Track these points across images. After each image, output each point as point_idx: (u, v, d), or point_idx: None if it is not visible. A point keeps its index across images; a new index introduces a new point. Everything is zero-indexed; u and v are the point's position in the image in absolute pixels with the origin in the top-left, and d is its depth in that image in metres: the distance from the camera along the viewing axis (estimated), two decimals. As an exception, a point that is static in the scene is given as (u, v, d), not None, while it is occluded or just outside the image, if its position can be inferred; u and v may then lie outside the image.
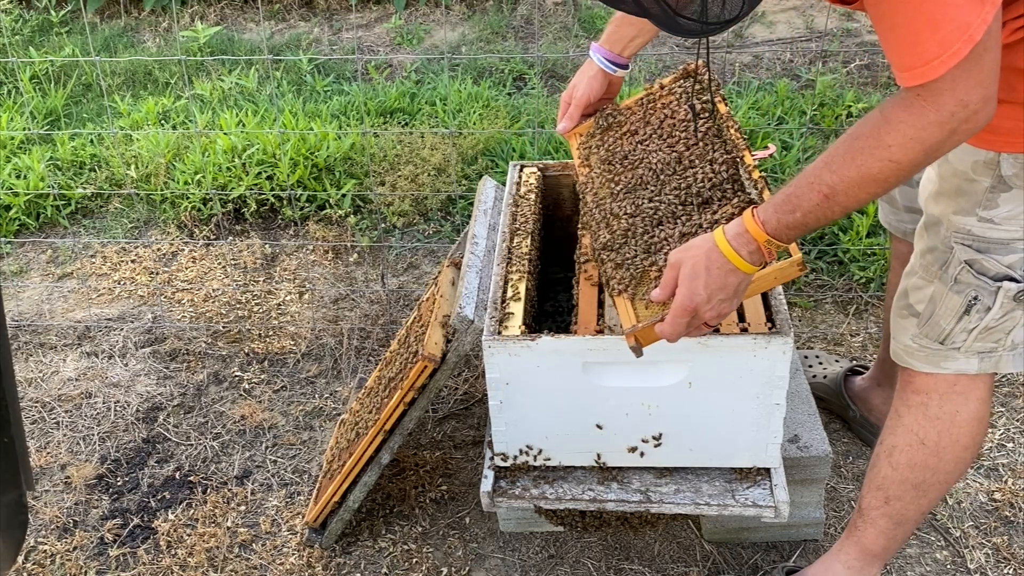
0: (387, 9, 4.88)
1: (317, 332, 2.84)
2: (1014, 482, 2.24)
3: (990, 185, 1.50)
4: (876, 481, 1.81)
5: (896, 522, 1.82)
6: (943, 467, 1.74)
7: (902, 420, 1.74)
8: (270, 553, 2.19)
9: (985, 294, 1.57)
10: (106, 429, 2.57)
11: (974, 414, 1.70)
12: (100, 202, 3.49)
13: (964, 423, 1.70)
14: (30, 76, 4.18)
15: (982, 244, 1.54)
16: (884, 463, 1.79)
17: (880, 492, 1.80)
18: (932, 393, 1.70)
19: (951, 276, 1.58)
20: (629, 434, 1.87)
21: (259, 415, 2.57)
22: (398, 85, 3.95)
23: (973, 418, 1.70)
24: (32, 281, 3.16)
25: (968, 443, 1.72)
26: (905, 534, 1.85)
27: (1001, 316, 1.58)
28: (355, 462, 2.07)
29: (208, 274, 3.13)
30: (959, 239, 1.56)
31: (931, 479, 1.75)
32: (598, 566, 2.11)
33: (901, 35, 1.25)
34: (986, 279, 1.55)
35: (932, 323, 1.64)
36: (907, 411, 1.73)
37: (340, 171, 3.36)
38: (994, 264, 1.54)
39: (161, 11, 4.92)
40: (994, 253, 1.54)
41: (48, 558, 2.21)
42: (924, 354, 1.67)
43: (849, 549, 1.89)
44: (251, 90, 4.00)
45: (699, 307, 1.50)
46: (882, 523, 1.83)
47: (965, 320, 1.60)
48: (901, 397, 1.75)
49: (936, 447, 1.72)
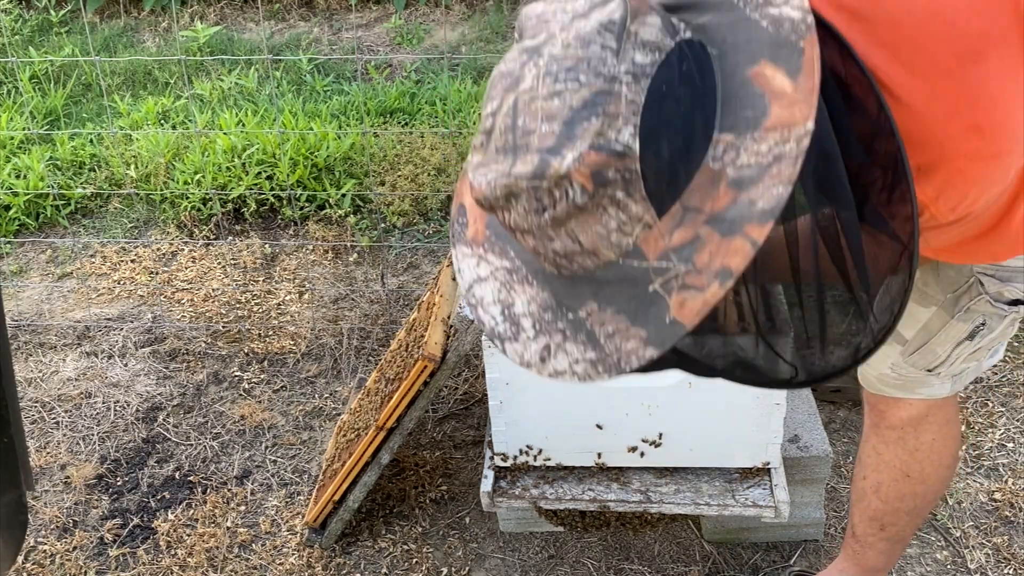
0: (387, 9, 4.88)
1: (317, 332, 2.84)
2: (1014, 482, 2.24)
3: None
4: (868, 513, 1.80)
5: (895, 542, 1.83)
6: (931, 490, 1.74)
7: (883, 457, 1.72)
8: (270, 553, 2.19)
9: (996, 320, 1.49)
10: (106, 429, 2.57)
11: (949, 435, 1.68)
12: (100, 202, 3.49)
13: (942, 447, 1.68)
14: (30, 76, 4.18)
15: (1006, 273, 1.44)
16: (873, 498, 1.78)
17: (875, 522, 1.81)
18: (907, 428, 1.66)
19: (963, 305, 1.49)
20: (629, 434, 1.87)
21: (259, 415, 2.57)
22: (398, 85, 3.95)
23: (949, 438, 1.68)
24: (32, 281, 3.16)
25: (950, 462, 1.71)
26: (904, 546, 1.86)
27: (997, 336, 1.52)
28: (355, 462, 2.07)
29: (208, 274, 3.13)
30: (983, 269, 1.45)
31: (921, 503, 1.75)
32: (598, 566, 2.11)
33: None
34: (1003, 305, 1.47)
35: (925, 351, 1.55)
36: (886, 448, 1.71)
37: (340, 171, 3.36)
38: (1012, 291, 1.46)
39: (161, 11, 4.92)
40: (1015, 281, 1.45)
41: (48, 558, 2.21)
42: (900, 382, 1.61)
43: (849, 568, 1.90)
44: (251, 90, 4.00)
45: None
46: (881, 546, 1.84)
47: (964, 345, 1.52)
48: (877, 433, 1.72)
49: (921, 476, 1.71)
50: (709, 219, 0.83)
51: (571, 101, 0.82)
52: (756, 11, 0.88)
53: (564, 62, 0.84)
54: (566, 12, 0.89)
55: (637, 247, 0.85)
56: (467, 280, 1.02)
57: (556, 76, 0.84)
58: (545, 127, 0.83)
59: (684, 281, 0.83)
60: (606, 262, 0.87)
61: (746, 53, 0.86)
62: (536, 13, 0.91)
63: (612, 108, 0.82)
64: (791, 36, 0.85)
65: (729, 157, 0.83)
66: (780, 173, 0.81)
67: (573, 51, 0.85)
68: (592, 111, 0.82)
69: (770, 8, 0.88)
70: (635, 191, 0.83)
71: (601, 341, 0.88)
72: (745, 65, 0.85)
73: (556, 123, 0.83)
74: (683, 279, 0.83)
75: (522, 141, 0.84)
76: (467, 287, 1.02)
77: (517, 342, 0.94)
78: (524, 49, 0.88)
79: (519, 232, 0.90)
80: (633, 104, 0.82)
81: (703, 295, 0.82)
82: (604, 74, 0.83)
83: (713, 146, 0.84)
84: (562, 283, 0.91)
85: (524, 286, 0.95)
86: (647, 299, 0.85)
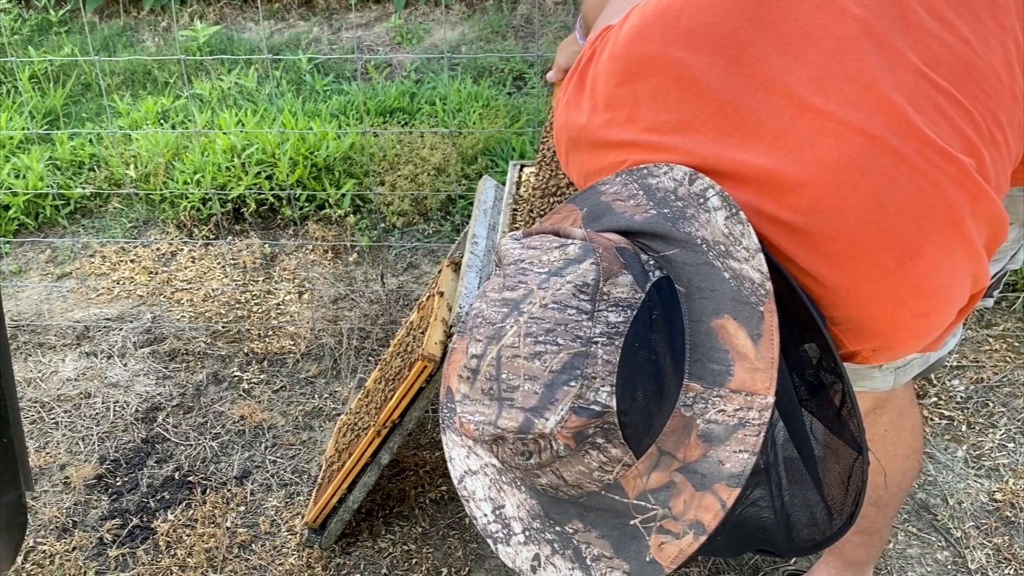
0: (387, 8, 4.88)
1: (317, 332, 2.84)
2: (1015, 482, 2.24)
3: None
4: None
5: (867, 534, 1.84)
6: (891, 480, 1.75)
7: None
8: (269, 554, 2.19)
9: None
10: (105, 429, 2.56)
11: (903, 427, 1.69)
12: (99, 202, 3.48)
13: (895, 439, 1.69)
14: (29, 76, 4.18)
15: None
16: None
17: None
18: None
19: None
20: (629, 434, 1.86)
21: (258, 415, 2.57)
22: (398, 85, 3.95)
23: (904, 430, 1.69)
24: (31, 281, 3.16)
25: (907, 453, 1.72)
26: (882, 538, 1.88)
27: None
28: (355, 462, 2.06)
29: (207, 274, 3.13)
30: None
31: (884, 494, 1.76)
32: (598, 566, 2.10)
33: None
34: None
35: None
36: None
37: (340, 171, 3.36)
38: None
39: (160, 10, 4.92)
40: None
41: (47, 558, 2.21)
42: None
43: (834, 563, 1.93)
44: (250, 90, 3.99)
45: None
46: (856, 539, 1.86)
47: None
48: None
49: (877, 468, 1.71)
50: (682, 468, 0.91)
51: (551, 364, 0.89)
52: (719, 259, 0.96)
53: (543, 323, 0.90)
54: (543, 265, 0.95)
55: (618, 483, 0.92)
56: (458, 471, 1.07)
57: (536, 337, 0.90)
58: (528, 386, 0.89)
59: (662, 524, 0.91)
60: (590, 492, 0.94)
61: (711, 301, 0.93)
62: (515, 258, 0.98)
63: (589, 370, 0.89)
64: (751, 298, 0.92)
65: (699, 408, 0.91)
66: (745, 439, 0.89)
67: (551, 313, 0.91)
68: (571, 374, 0.88)
69: (731, 261, 0.95)
70: (614, 438, 0.90)
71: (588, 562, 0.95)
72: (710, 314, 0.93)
73: (538, 384, 0.89)
74: (660, 523, 0.91)
75: (507, 395, 0.91)
76: (458, 479, 1.07)
77: (509, 545, 1.01)
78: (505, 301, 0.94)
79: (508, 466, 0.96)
80: (609, 364, 0.89)
81: (679, 543, 0.90)
82: (581, 337, 0.89)
83: (684, 392, 0.92)
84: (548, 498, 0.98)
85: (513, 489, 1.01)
86: (628, 531, 0.92)
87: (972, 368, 2.56)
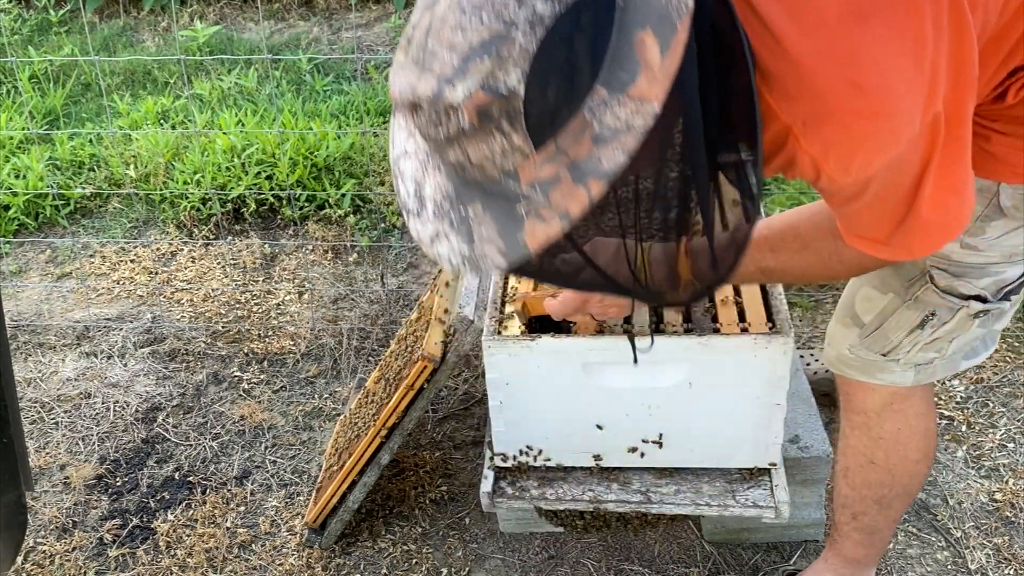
0: (387, 8, 4.88)
1: (317, 332, 2.84)
2: (1015, 483, 2.24)
3: (982, 213, 1.42)
4: (840, 500, 1.84)
5: (869, 532, 1.84)
6: (898, 481, 1.74)
7: (849, 441, 1.75)
8: (269, 554, 2.19)
9: (945, 312, 1.51)
10: (105, 429, 2.56)
11: (916, 429, 1.68)
12: (99, 202, 3.48)
13: (908, 439, 1.69)
14: (29, 76, 4.18)
15: (959, 269, 1.47)
16: (842, 483, 1.81)
17: (846, 510, 1.83)
18: (870, 413, 1.68)
19: (912, 294, 1.53)
20: (629, 434, 1.86)
21: (258, 415, 2.57)
22: (398, 85, 3.94)
23: (917, 433, 1.69)
24: (31, 281, 3.16)
25: (918, 456, 1.72)
26: (883, 539, 1.87)
27: (952, 328, 1.53)
28: (355, 462, 2.06)
29: (207, 274, 3.13)
30: (935, 263, 1.48)
31: (890, 493, 1.76)
32: (598, 566, 2.10)
33: (878, 215, 1.21)
34: (952, 298, 1.50)
35: (879, 335, 1.58)
36: (852, 432, 1.74)
37: (340, 171, 3.36)
38: (967, 287, 1.48)
39: (160, 10, 4.92)
40: (969, 277, 1.48)
41: (47, 558, 2.21)
42: (860, 364, 1.63)
43: (833, 560, 1.92)
44: (250, 90, 3.99)
45: (589, 300, 1.61)
46: (856, 536, 1.85)
47: (916, 334, 1.55)
48: (846, 416, 1.75)
49: (886, 465, 1.72)
50: (569, 164, 0.95)
51: (471, 38, 0.92)
52: None
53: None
54: None
55: (516, 171, 0.97)
56: (396, 151, 1.13)
57: (464, 10, 0.92)
58: (447, 55, 0.93)
59: (539, 211, 0.97)
60: (491, 177, 0.98)
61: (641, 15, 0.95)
62: None
63: (504, 52, 0.91)
64: (672, 14, 0.94)
65: (600, 112, 0.94)
66: (625, 143, 0.93)
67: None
68: (486, 51, 0.91)
69: None
70: (518, 125, 0.93)
71: (475, 241, 1.01)
72: (636, 27, 0.94)
73: (455, 55, 0.92)
74: (538, 209, 0.97)
75: (428, 61, 0.94)
76: (395, 159, 1.13)
77: (419, 219, 1.07)
78: None
79: (423, 136, 1.01)
80: (525, 52, 0.91)
81: (548, 228, 0.97)
82: (504, 19, 0.91)
83: (591, 96, 0.94)
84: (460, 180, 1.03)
85: (435, 172, 1.06)
86: (514, 217, 0.98)
87: (972, 368, 2.56)
